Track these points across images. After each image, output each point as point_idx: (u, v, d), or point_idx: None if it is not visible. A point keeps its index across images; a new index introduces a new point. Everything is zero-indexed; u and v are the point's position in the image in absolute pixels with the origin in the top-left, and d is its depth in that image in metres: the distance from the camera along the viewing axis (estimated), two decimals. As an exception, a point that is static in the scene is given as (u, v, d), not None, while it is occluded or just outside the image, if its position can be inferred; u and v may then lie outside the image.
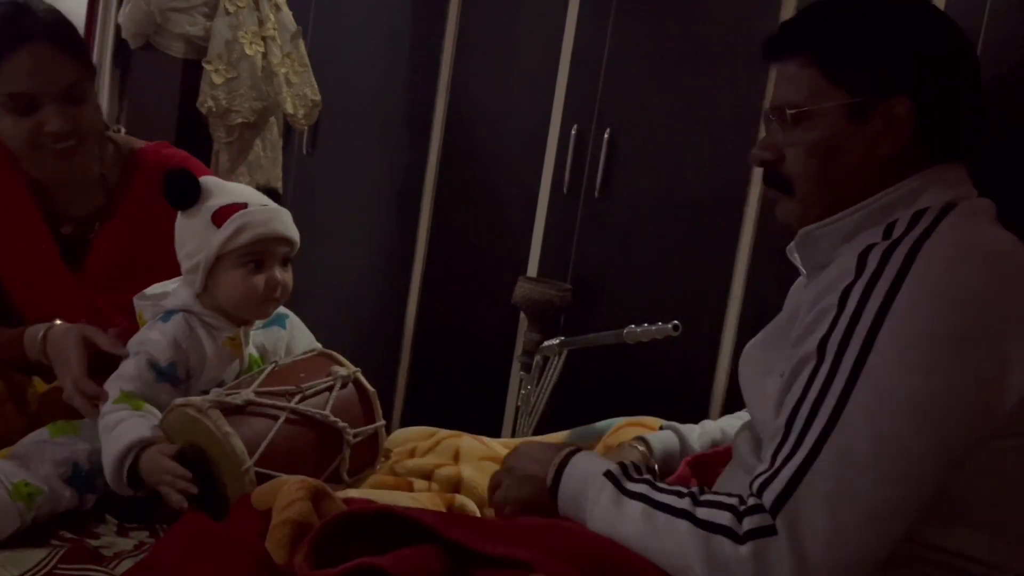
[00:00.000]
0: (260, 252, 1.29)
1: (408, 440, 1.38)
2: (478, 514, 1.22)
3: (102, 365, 1.30)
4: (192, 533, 0.97)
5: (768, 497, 0.87)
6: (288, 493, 1.07)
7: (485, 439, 1.39)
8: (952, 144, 1.02)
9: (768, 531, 0.86)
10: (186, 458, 1.18)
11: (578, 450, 1.06)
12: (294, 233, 1.33)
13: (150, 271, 1.42)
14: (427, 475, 1.30)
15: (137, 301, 1.34)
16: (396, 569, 0.86)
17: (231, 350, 1.32)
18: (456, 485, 1.29)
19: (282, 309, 1.42)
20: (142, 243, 1.48)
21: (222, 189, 1.32)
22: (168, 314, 1.30)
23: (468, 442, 1.36)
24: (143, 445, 1.19)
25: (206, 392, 1.28)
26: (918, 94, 0.99)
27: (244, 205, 1.29)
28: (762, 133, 1.12)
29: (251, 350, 1.35)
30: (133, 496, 1.23)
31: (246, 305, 1.30)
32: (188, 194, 1.29)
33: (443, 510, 1.20)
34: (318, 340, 1.53)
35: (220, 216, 1.28)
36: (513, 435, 2.40)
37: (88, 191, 1.47)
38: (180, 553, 0.95)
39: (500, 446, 1.37)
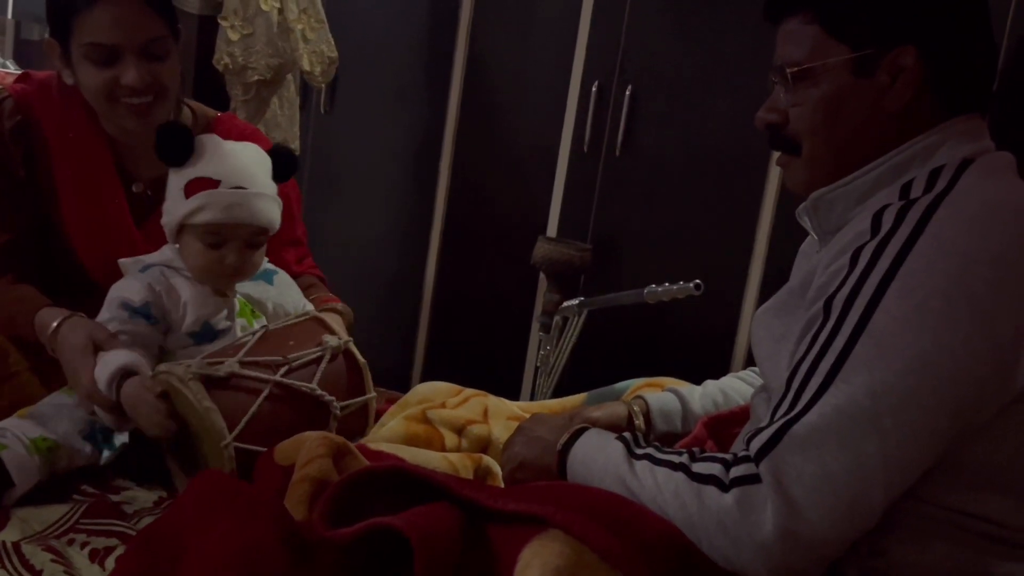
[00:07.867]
0: (220, 233, 1.28)
1: (436, 395, 1.37)
2: (501, 476, 1.22)
3: None
4: (211, 490, 0.97)
5: (755, 446, 0.87)
6: (309, 450, 1.07)
7: (506, 401, 1.39)
8: (965, 95, 0.99)
9: (752, 479, 0.85)
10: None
11: (590, 427, 1.07)
12: (263, 220, 1.31)
13: None
14: (458, 429, 1.29)
15: (120, 262, 1.34)
16: (410, 528, 0.86)
17: (217, 297, 1.32)
18: (485, 445, 1.28)
19: (270, 265, 1.42)
20: None
21: (210, 156, 1.29)
22: (146, 267, 1.31)
23: (494, 401, 1.36)
24: (125, 373, 1.19)
25: (193, 333, 1.29)
26: (923, 42, 0.96)
27: (216, 184, 1.27)
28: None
29: (237, 296, 1.35)
30: (146, 452, 1.23)
31: (202, 277, 1.31)
32: (181, 152, 1.28)
33: (471, 473, 1.20)
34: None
35: (190, 188, 1.28)
36: (532, 396, 2.39)
37: None
38: (199, 509, 0.95)
39: (519, 410, 1.37)
